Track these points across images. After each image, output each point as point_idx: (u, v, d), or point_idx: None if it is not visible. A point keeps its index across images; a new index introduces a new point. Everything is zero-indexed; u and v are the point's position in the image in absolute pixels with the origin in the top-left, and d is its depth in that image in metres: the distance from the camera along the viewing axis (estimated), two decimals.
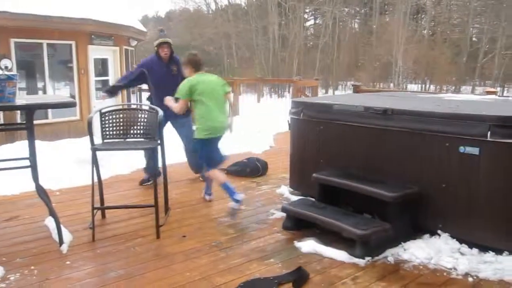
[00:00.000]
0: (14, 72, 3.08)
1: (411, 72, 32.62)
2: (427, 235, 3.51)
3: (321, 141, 4.26)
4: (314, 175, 3.96)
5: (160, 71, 4.87)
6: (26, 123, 3.41)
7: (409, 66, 31.44)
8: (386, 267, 3.15)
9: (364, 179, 3.74)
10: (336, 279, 2.95)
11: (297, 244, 3.47)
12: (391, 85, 30.32)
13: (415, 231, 3.53)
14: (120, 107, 4.83)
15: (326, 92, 31.73)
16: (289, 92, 26.88)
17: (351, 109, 3.98)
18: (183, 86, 3.95)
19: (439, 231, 3.44)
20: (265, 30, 33.19)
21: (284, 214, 3.91)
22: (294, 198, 4.51)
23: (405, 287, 2.87)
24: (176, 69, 4.81)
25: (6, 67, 3.14)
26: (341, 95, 10.80)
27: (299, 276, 2.94)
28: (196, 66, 4.06)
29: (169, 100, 4.03)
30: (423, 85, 33.07)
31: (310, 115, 4.33)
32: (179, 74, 4.59)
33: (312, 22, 39.56)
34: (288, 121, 4.74)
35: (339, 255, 3.27)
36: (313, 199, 4.03)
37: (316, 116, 4.27)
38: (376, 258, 3.24)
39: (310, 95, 12.33)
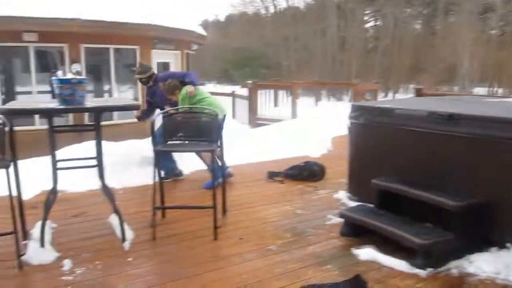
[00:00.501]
0: (83, 76, 3.28)
1: (478, 75, 31.06)
2: (495, 248, 3.31)
3: (381, 146, 4.15)
4: (373, 181, 3.86)
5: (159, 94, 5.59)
6: (94, 124, 3.58)
7: (475, 69, 29.97)
8: (449, 279, 3.00)
9: (426, 186, 3.59)
10: None
11: (355, 251, 3.39)
12: (456, 88, 29.04)
13: (482, 243, 3.35)
14: (182, 109, 4.95)
15: (386, 96, 30.92)
16: (347, 95, 26.45)
17: (413, 113, 3.85)
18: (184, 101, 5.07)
19: (508, 244, 3.23)
20: (324, 33, 32.88)
21: (341, 220, 3.84)
22: (352, 204, 4.42)
23: None
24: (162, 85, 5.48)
25: (77, 72, 3.32)
26: (402, 99, 10.47)
27: (357, 284, 2.88)
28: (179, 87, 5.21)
29: None
30: (491, 89, 31.39)
31: (370, 119, 4.23)
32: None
33: (372, 23, 38.76)
34: (347, 125, 4.66)
35: (399, 264, 3.16)
36: (372, 206, 3.93)
37: (377, 120, 4.17)
38: (439, 269, 3.10)
39: (369, 99, 12.08)
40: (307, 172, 5.54)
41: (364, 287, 2.86)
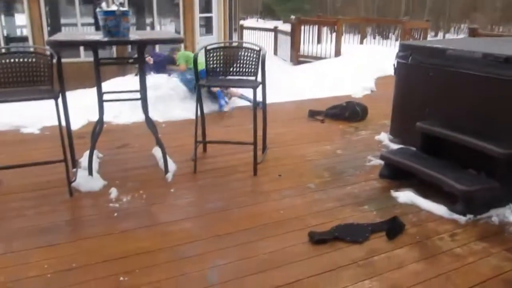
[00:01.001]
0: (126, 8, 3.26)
1: None
2: None
3: (429, 88, 3.98)
4: (418, 123, 3.76)
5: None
6: (138, 58, 3.60)
7: None
8: (489, 227, 2.95)
9: (472, 132, 3.46)
10: (433, 233, 2.85)
11: (394, 193, 3.38)
12: None
13: None
14: (223, 44, 4.89)
15: (436, 35, 29.36)
16: (394, 34, 25.27)
17: (467, 55, 3.63)
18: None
19: None
20: None
21: (381, 162, 3.80)
22: (394, 146, 4.35)
23: (508, 251, 2.68)
24: None
25: (121, 4, 3.28)
26: (455, 39, 9.92)
27: (394, 226, 2.88)
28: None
29: None
30: None
31: (419, 60, 4.04)
32: None
33: None
34: (394, 65, 4.47)
35: (438, 209, 3.13)
36: (414, 149, 3.85)
37: (426, 61, 3.97)
38: (479, 216, 3.05)
39: (419, 38, 11.52)
40: (348, 112, 5.45)
41: (401, 229, 2.86)
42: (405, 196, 3.32)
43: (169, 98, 5.68)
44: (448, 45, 3.94)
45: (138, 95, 3.69)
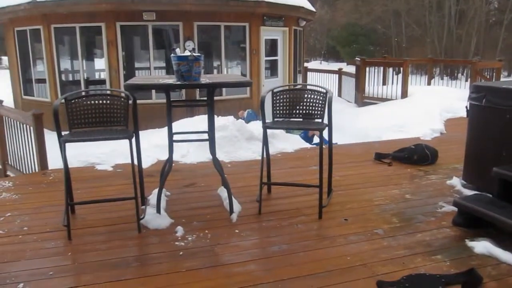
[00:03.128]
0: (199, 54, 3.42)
1: None
2: None
3: (506, 131, 3.78)
4: (494, 169, 3.55)
5: None
6: (207, 100, 3.72)
7: None
8: None
9: None
10: None
11: (469, 243, 3.16)
12: None
13: None
14: (288, 87, 4.96)
15: (509, 76, 28.03)
16: (463, 74, 24.46)
17: None
18: None
19: None
20: (440, 6, 30.50)
21: (454, 209, 3.60)
22: (467, 192, 4.13)
23: None
24: None
25: (193, 49, 3.46)
26: None
27: (471, 279, 2.69)
28: None
29: None
30: None
31: (494, 101, 3.86)
32: None
33: None
34: (466, 107, 4.31)
35: None
36: (490, 196, 3.62)
37: (502, 103, 3.79)
38: None
39: (491, 79, 11.08)
40: (417, 156, 5.26)
41: (479, 283, 2.66)
42: (482, 246, 3.10)
43: (235, 139, 5.79)
44: None
45: (205, 136, 3.80)
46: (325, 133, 3.83)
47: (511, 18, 27.61)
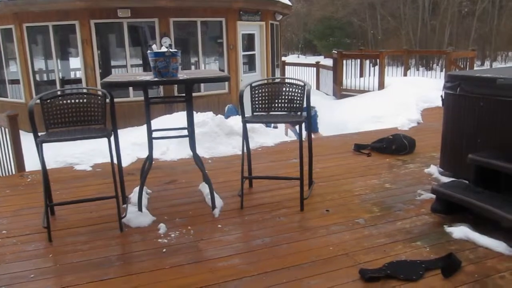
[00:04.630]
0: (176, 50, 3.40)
1: None
2: None
3: (480, 118, 3.87)
4: (470, 156, 3.63)
5: None
6: (186, 96, 3.71)
7: None
8: None
9: None
10: (492, 271, 2.69)
11: (448, 229, 3.24)
12: None
13: None
14: (266, 81, 4.97)
15: (482, 65, 28.61)
16: (438, 64, 24.88)
17: None
18: None
19: None
20: None
21: (432, 196, 3.68)
22: (445, 179, 4.22)
23: None
24: None
25: (170, 45, 3.44)
26: (504, 68, 9.64)
27: (450, 263, 2.75)
28: None
29: None
30: None
31: (468, 90, 3.95)
32: None
33: None
34: (441, 96, 4.39)
35: (497, 245, 2.96)
36: (467, 182, 3.71)
37: (476, 91, 3.88)
38: None
39: (465, 68, 11.29)
40: (395, 145, 5.34)
41: (458, 267, 2.72)
42: (460, 231, 3.17)
43: (215, 135, 5.78)
44: (497, 74, 3.84)
45: (185, 132, 3.78)
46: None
47: (483, 9, 28.17)
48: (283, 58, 18.18)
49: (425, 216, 3.51)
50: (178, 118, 6.36)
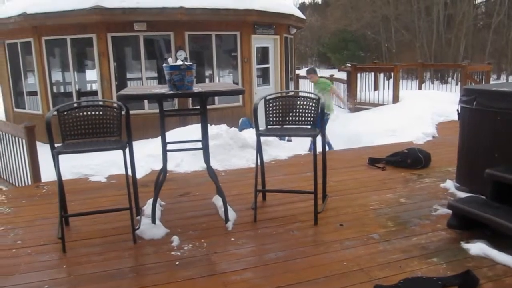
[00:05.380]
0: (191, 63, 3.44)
1: None
2: None
3: (497, 133, 3.82)
4: (487, 171, 3.57)
5: None
6: (200, 109, 3.73)
7: None
8: None
9: None
10: None
11: (465, 245, 3.18)
12: None
13: None
14: (280, 94, 4.98)
15: (498, 78, 28.30)
16: (453, 78, 24.69)
17: None
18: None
19: None
20: (428, 11, 30.80)
21: (449, 211, 3.62)
22: (461, 194, 4.16)
23: None
24: None
25: (185, 58, 3.47)
26: None
27: (467, 281, 2.70)
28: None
29: None
30: None
31: (485, 104, 3.90)
32: None
33: None
34: (457, 110, 4.35)
35: None
36: (483, 197, 3.65)
37: (493, 105, 3.83)
38: None
39: (481, 82, 11.19)
40: (410, 159, 5.29)
41: (476, 284, 2.67)
42: (477, 248, 3.11)
43: (229, 147, 5.79)
44: None
45: (199, 145, 3.80)
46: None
47: (499, 22, 27.94)
48: (297, 71, 18.21)
49: (441, 232, 3.46)
50: (193, 131, 6.39)
